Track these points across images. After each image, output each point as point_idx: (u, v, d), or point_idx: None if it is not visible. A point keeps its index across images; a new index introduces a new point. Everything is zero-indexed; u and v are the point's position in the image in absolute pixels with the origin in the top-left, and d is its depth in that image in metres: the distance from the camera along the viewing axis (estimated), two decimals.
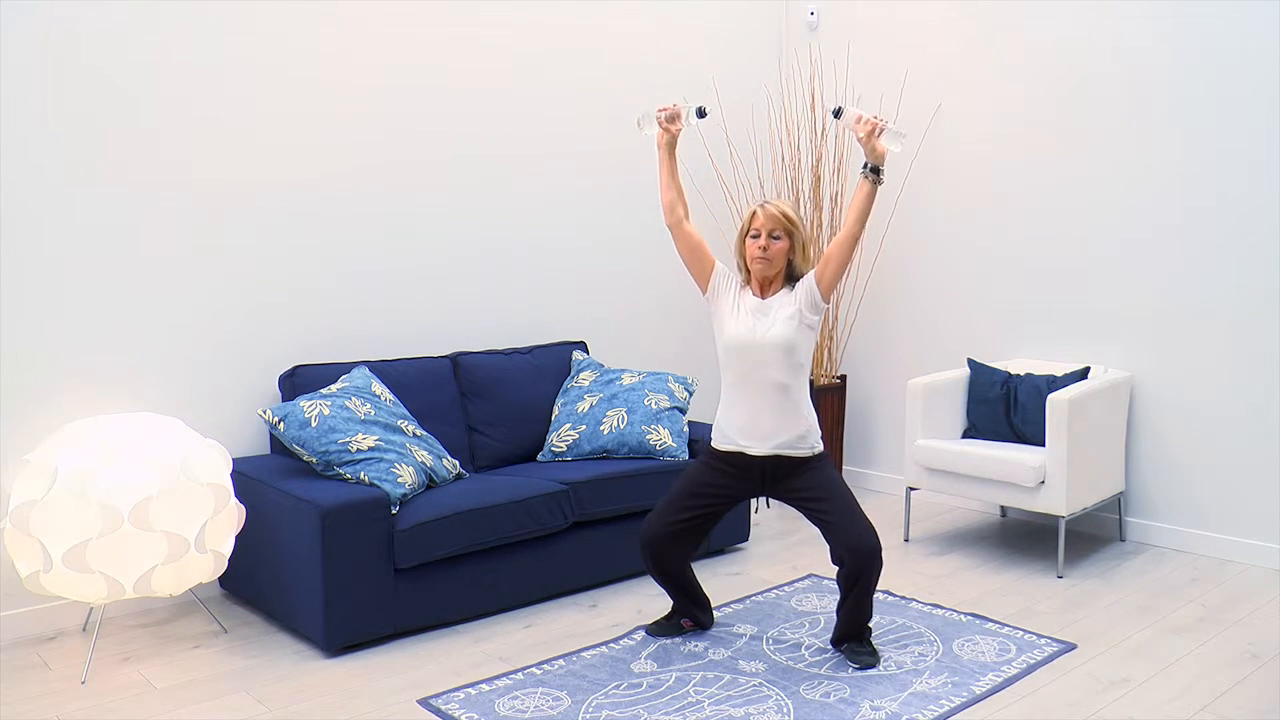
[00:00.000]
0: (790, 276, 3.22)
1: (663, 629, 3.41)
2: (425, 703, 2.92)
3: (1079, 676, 3.10)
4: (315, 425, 3.41)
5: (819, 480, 3.15)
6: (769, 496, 3.25)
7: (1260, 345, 4.05)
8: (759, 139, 5.38)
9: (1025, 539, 4.49)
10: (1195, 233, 4.20)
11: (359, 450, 3.41)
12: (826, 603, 3.67)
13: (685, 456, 4.05)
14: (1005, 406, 4.36)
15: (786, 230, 3.16)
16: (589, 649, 3.29)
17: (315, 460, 3.42)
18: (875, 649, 3.21)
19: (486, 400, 4.15)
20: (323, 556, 3.16)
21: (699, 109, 3.19)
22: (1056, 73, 4.55)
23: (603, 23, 4.78)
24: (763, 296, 3.21)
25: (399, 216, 4.20)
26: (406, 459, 3.48)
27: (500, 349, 4.37)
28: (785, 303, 3.16)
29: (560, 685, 3.03)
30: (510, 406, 4.18)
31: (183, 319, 3.69)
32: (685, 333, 5.13)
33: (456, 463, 3.78)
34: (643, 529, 3.29)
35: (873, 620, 3.28)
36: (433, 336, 4.29)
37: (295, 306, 3.95)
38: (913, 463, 4.39)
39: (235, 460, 3.60)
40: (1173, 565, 4.12)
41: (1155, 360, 4.34)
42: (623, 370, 4.31)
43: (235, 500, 3.28)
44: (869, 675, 3.08)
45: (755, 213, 3.19)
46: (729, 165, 5.24)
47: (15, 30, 3.29)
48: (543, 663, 3.18)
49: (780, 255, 3.16)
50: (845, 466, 5.42)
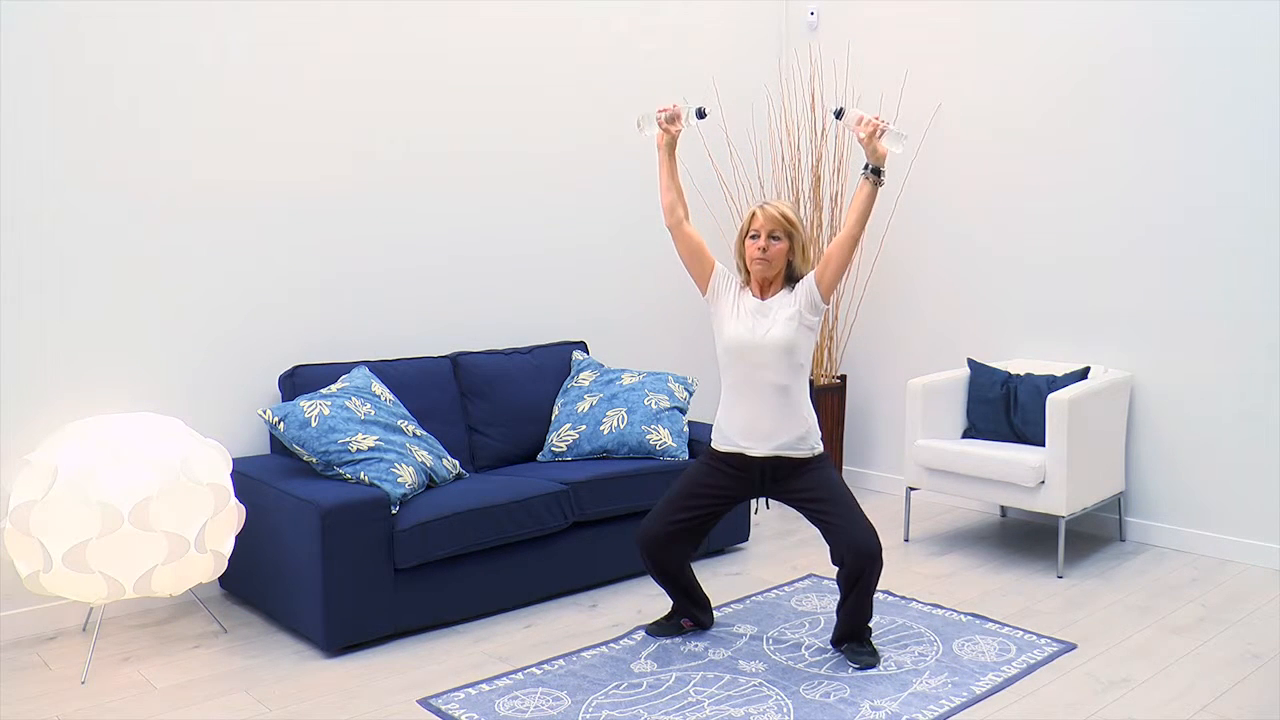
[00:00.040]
0: (790, 277, 3.22)
1: (663, 629, 3.41)
2: (425, 703, 2.92)
3: (1079, 676, 3.10)
4: (315, 425, 3.41)
5: (819, 481, 3.15)
6: (769, 497, 3.25)
7: (1260, 345, 4.05)
8: (759, 139, 5.38)
9: (1025, 539, 4.49)
10: (1195, 233, 4.20)
11: (359, 450, 3.41)
12: (826, 603, 3.67)
13: (685, 456, 4.05)
14: (1005, 406, 4.36)
15: (786, 231, 3.15)
16: (589, 649, 3.29)
17: (315, 460, 3.42)
18: (875, 649, 3.21)
19: (486, 400, 4.15)
20: (323, 556, 3.16)
21: (699, 110, 3.19)
22: (1056, 73, 4.55)
23: (603, 23, 4.78)
24: (762, 297, 3.20)
25: (399, 216, 4.20)
26: (406, 459, 3.48)
27: (500, 349, 4.37)
28: (785, 304, 3.16)
29: (560, 685, 3.03)
30: (510, 406, 4.18)
31: (183, 319, 3.69)
32: (685, 333, 5.13)
33: (456, 463, 3.78)
34: (642, 529, 3.28)
35: (873, 620, 3.28)
36: (433, 336, 4.29)
37: (295, 306, 3.95)
38: (913, 463, 4.39)
39: (235, 460, 3.60)
40: (1173, 565, 4.12)
41: (1155, 360, 4.34)
42: (623, 370, 4.31)
43: (235, 500, 3.28)
44: (869, 675, 3.08)
45: (755, 213, 3.18)
46: (729, 165, 5.24)
47: (16, 30, 3.29)
48: (543, 663, 3.18)
49: (780, 256, 3.16)
50: (845, 467, 5.42)
